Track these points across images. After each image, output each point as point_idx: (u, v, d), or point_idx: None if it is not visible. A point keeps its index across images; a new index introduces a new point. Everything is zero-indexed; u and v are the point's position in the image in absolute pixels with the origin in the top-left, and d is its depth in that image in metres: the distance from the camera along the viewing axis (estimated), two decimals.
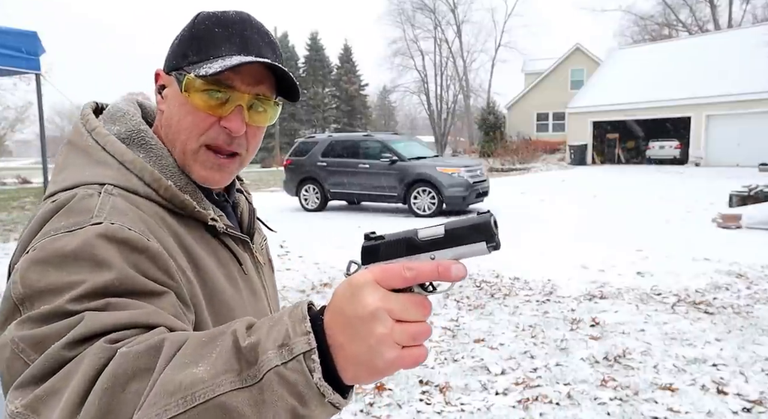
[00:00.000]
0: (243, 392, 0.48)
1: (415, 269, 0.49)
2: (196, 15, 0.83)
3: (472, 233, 0.53)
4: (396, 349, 0.48)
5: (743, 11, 37.54)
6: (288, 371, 0.48)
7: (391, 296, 0.49)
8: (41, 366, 0.54)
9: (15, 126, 34.00)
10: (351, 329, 0.49)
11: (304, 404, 0.49)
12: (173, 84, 0.81)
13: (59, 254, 0.62)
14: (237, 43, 0.79)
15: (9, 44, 5.14)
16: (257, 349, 0.49)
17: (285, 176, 12.57)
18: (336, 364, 0.50)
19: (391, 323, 0.48)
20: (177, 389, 0.48)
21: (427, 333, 0.50)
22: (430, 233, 0.54)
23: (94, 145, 0.77)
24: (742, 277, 5.60)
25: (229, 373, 0.49)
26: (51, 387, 0.52)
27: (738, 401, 2.98)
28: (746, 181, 12.98)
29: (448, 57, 45.38)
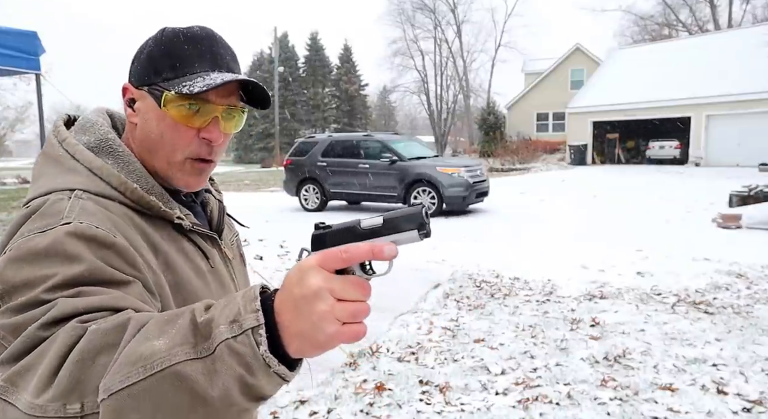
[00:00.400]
0: (197, 362, 0.53)
1: (351, 250, 0.55)
2: (161, 31, 0.88)
3: (406, 222, 0.60)
4: (336, 325, 0.54)
5: (743, 11, 37.56)
6: (237, 343, 0.53)
7: (333, 278, 0.55)
8: (19, 345, 0.60)
9: (15, 126, 34.01)
10: (297, 308, 0.54)
11: (252, 373, 0.53)
12: (146, 99, 0.86)
13: (32, 252, 0.68)
14: (208, 60, 0.86)
15: (9, 44, 5.13)
16: (211, 325, 0.55)
17: (285, 176, 12.58)
18: (283, 340, 0.55)
19: (332, 301, 0.54)
20: (138, 359, 0.53)
21: (365, 311, 0.55)
22: (370, 223, 0.62)
23: (64, 154, 0.83)
24: (742, 277, 5.60)
25: (185, 345, 0.54)
26: (27, 363, 0.58)
27: (738, 401, 2.98)
28: (746, 181, 12.98)
29: (448, 57, 45.39)
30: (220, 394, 0.53)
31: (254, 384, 0.54)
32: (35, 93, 5.70)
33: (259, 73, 46.80)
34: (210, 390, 0.53)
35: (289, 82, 44.89)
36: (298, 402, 3.06)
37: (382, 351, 3.78)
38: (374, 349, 3.80)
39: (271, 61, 41.29)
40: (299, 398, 3.10)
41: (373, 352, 3.75)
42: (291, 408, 3.00)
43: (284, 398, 3.11)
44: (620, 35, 44.27)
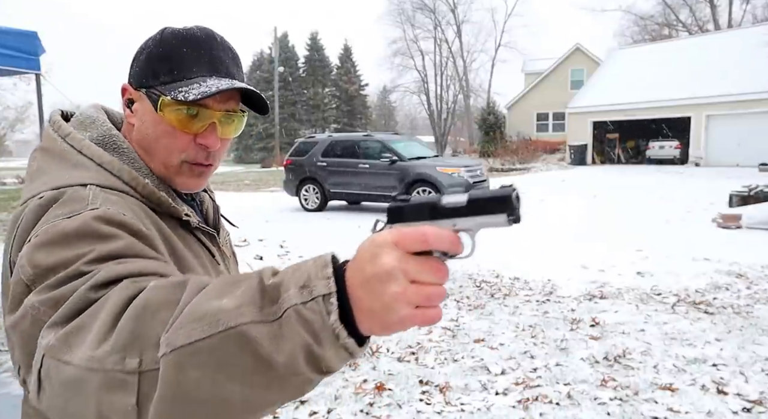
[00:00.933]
0: (263, 325, 0.51)
1: (431, 237, 0.51)
2: (161, 32, 0.87)
3: (494, 205, 0.55)
4: (409, 308, 0.51)
5: (743, 11, 37.55)
6: (307, 310, 0.51)
7: (408, 258, 0.51)
8: (70, 307, 0.59)
9: (15, 126, 34.02)
10: (368, 286, 0.51)
11: (320, 343, 0.51)
12: (144, 101, 0.86)
13: (62, 234, 0.66)
14: (207, 63, 0.85)
15: (9, 44, 5.13)
16: (280, 288, 0.53)
17: (285, 176, 12.57)
18: (356, 315, 0.52)
19: (406, 283, 0.51)
20: (203, 316, 0.52)
21: (441, 295, 0.52)
22: (453, 201, 0.56)
23: (69, 149, 0.81)
24: (742, 277, 5.60)
25: (252, 306, 0.52)
26: (81, 322, 0.57)
27: (738, 401, 2.98)
28: (746, 181, 12.97)
29: (448, 57, 45.37)
30: (285, 361, 0.51)
31: (321, 354, 0.52)
32: (35, 93, 5.70)
33: (259, 73, 46.82)
34: (275, 355, 0.51)
35: (289, 82, 44.88)
36: (297, 402, 3.06)
37: (382, 351, 3.78)
38: (374, 349, 3.80)
39: (271, 61, 41.29)
40: (299, 398, 3.10)
41: (372, 352, 3.75)
42: (291, 407, 3.00)
43: None
44: (620, 35, 44.31)
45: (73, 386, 0.55)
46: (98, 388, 0.53)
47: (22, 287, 0.64)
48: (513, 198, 0.55)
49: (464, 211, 0.56)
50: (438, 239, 0.52)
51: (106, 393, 0.53)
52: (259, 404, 0.53)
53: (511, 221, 0.55)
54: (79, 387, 0.54)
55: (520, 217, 0.55)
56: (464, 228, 0.56)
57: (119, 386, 0.52)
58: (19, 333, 0.63)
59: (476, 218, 0.55)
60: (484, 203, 0.55)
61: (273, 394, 0.53)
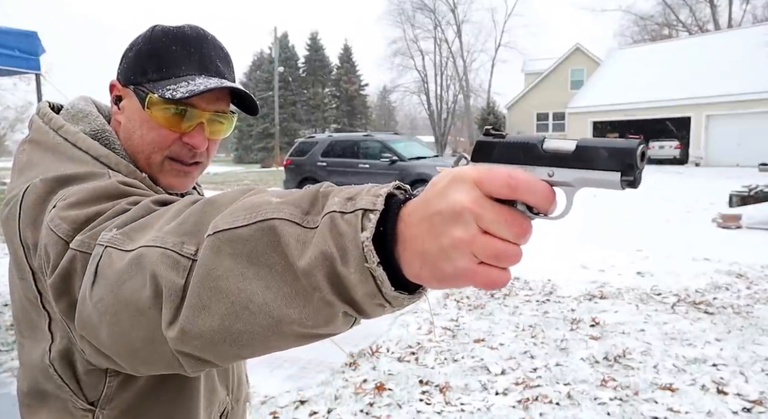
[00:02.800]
0: (296, 227, 0.48)
1: (522, 183, 0.43)
2: (151, 29, 0.86)
3: (608, 159, 0.43)
4: (470, 260, 0.43)
5: (743, 11, 37.56)
6: (342, 221, 0.46)
7: (487, 203, 0.43)
8: (131, 215, 0.61)
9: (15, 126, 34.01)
10: (429, 222, 0.44)
11: (345, 260, 0.45)
12: (132, 98, 0.85)
13: (93, 194, 0.66)
14: (196, 62, 0.84)
15: (9, 44, 5.13)
16: (329, 196, 0.49)
17: (285, 176, 12.58)
18: (401, 254, 0.46)
19: (475, 230, 0.43)
20: (250, 206, 0.51)
21: (515, 257, 0.43)
22: (557, 146, 0.46)
23: (63, 142, 0.79)
24: (742, 277, 5.60)
25: (295, 208, 0.49)
26: (145, 222, 0.59)
27: (738, 401, 2.98)
28: (746, 181, 12.98)
29: (448, 57, 45.38)
30: (305, 267, 0.46)
31: (343, 274, 0.45)
32: (35, 93, 5.70)
33: (259, 73, 46.85)
34: (297, 260, 0.47)
35: (289, 82, 44.85)
36: (298, 402, 3.06)
37: (382, 351, 3.78)
38: (374, 349, 3.80)
39: (271, 61, 41.29)
40: (299, 398, 3.10)
41: (373, 352, 3.75)
42: (291, 408, 3.00)
43: (284, 398, 3.11)
44: (620, 35, 44.34)
45: (134, 263, 0.54)
46: (156, 261, 0.53)
47: (60, 246, 0.63)
48: (637, 154, 0.43)
49: (568, 160, 0.45)
50: (530, 187, 0.43)
51: (163, 265, 0.52)
52: (277, 316, 0.48)
53: (625, 184, 0.43)
54: (138, 263, 0.54)
55: (639, 180, 0.44)
56: (563, 181, 0.46)
57: (173, 265, 0.52)
58: (65, 280, 0.62)
59: (581, 171, 0.45)
60: (597, 155, 0.44)
61: (293, 310, 0.48)
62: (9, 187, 0.78)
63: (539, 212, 0.46)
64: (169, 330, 0.52)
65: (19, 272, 0.76)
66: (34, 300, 0.74)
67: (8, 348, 3.87)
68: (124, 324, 0.55)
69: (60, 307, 0.63)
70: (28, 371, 0.80)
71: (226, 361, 0.56)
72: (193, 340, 0.51)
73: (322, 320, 0.48)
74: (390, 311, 0.48)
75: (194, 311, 0.50)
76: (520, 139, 0.49)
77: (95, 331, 0.58)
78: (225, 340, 0.51)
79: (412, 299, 0.48)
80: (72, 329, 0.64)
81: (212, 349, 0.52)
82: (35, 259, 0.70)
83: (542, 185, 0.44)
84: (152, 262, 0.53)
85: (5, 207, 0.75)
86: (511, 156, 0.49)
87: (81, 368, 0.75)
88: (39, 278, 0.72)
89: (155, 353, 0.55)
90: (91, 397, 0.76)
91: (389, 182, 0.50)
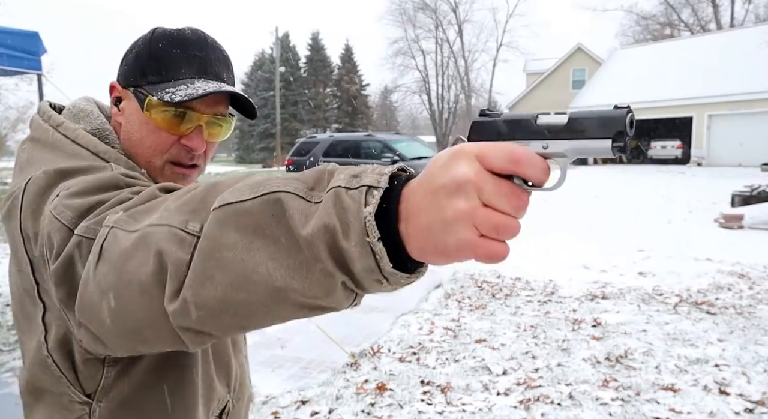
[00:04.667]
0: (301, 200, 0.49)
1: (522, 157, 0.45)
2: (152, 31, 0.87)
3: (599, 127, 0.46)
4: (472, 232, 0.45)
5: (745, 11, 37.48)
6: (346, 195, 0.47)
7: (487, 176, 0.45)
8: (140, 198, 0.62)
9: (17, 126, 34.01)
10: (433, 197, 0.46)
11: (346, 234, 0.47)
12: (131, 100, 0.86)
13: (96, 184, 0.67)
14: (196, 65, 0.85)
15: (10, 44, 5.13)
16: (334, 174, 0.51)
17: None
18: (406, 231, 0.47)
19: (476, 203, 0.45)
20: (255, 183, 0.53)
21: (513, 229, 0.45)
22: (550, 121, 0.49)
23: (63, 139, 0.80)
24: (744, 277, 5.59)
25: (301, 183, 0.51)
26: (150, 206, 0.60)
27: (740, 401, 2.97)
28: (748, 181, 12.95)
29: (450, 57, 45.41)
30: (307, 236, 0.48)
31: (344, 247, 0.47)
32: (37, 93, 5.71)
33: (261, 73, 46.85)
34: (300, 230, 0.48)
35: (291, 82, 44.88)
36: (299, 402, 3.06)
37: (383, 351, 3.78)
38: (375, 349, 3.79)
39: (272, 61, 41.32)
40: (300, 398, 3.10)
41: (374, 352, 3.75)
42: (292, 408, 3.00)
43: (285, 398, 3.11)
44: (622, 35, 44.26)
45: (139, 242, 0.55)
46: (162, 238, 0.54)
47: (63, 232, 0.63)
48: (626, 121, 0.45)
49: (561, 131, 0.48)
50: (528, 161, 0.45)
51: (168, 242, 0.53)
52: (280, 286, 0.49)
53: (617, 150, 0.46)
54: (143, 241, 0.55)
55: (629, 146, 0.47)
56: (557, 152, 0.49)
57: (179, 242, 0.53)
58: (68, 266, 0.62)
59: (574, 141, 0.47)
60: (588, 124, 0.47)
61: (296, 280, 0.49)
62: (11, 185, 0.79)
63: (534, 184, 0.48)
64: (171, 303, 0.53)
65: (17, 264, 0.76)
66: (31, 291, 0.75)
67: (10, 348, 3.88)
68: (126, 301, 0.56)
69: (60, 294, 0.64)
70: (26, 366, 0.81)
71: (227, 333, 0.57)
72: (196, 311, 0.52)
73: (323, 291, 0.50)
74: (387, 288, 0.49)
75: (199, 282, 0.51)
76: (515, 116, 0.51)
77: (96, 312, 0.58)
78: (228, 310, 0.52)
79: (410, 278, 0.49)
80: (70, 317, 0.65)
81: (214, 320, 0.53)
82: (35, 248, 0.70)
83: (540, 159, 0.46)
84: (157, 239, 0.54)
85: (7, 201, 0.76)
86: (506, 133, 0.51)
87: (79, 357, 0.75)
88: (37, 267, 0.72)
89: (156, 331, 0.56)
90: (88, 389, 0.76)
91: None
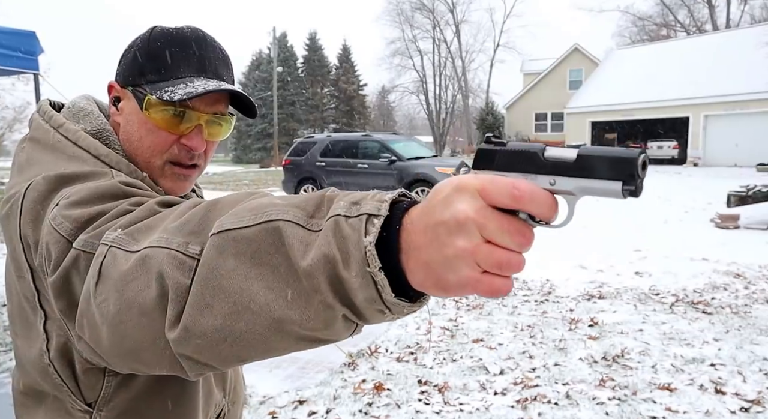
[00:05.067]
0: (300, 228, 0.48)
1: (526, 194, 0.43)
2: (150, 30, 0.86)
3: (610, 167, 0.44)
4: (474, 270, 0.43)
5: (741, 12, 37.64)
6: (346, 224, 0.46)
7: (490, 212, 0.43)
8: (138, 213, 0.61)
9: (13, 126, 33.90)
10: (432, 232, 0.44)
11: (347, 264, 0.45)
12: (130, 99, 0.85)
13: (96, 193, 0.66)
14: (195, 64, 0.84)
15: (7, 44, 5.12)
16: (334, 200, 0.50)
17: (284, 176, 12.60)
18: (407, 263, 0.46)
19: (478, 240, 0.43)
20: (255, 207, 0.52)
21: (517, 266, 0.44)
22: (558, 154, 0.46)
23: (63, 141, 0.79)
24: (740, 277, 5.61)
25: (300, 210, 0.50)
26: (150, 223, 0.59)
27: (736, 400, 2.99)
28: (744, 181, 12.99)
29: (447, 57, 45.49)
30: (306, 268, 0.46)
31: (345, 277, 0.46)
32: (33, 93, 5.69)
33: (258, 73, 46.78)
34: (300, 261, 0.47)
35: (288, 82, 44.86)
36: (296, 402, 3.06)
37: (380, 351, 3.78)
38: (373, 349, 3.80)
39: (269, 61, 41.29)
40: (298, 398, 3.10)
41: (371, 352, 3.75)
42: (290, 408, 3.00)
43: (283, 398, 3.11)
44: (618, 35, 44.46)
45: (139, 264, 0.54)
46: (162, 261, 0.53)
47: (62, 244, 0.62)
48: (638, 163, 0.43)
49: (569, 169, 0.45)
50: (533, 198, 0.43)
51: (169, 265, 0.52)
52: (279, 317, 0.48)
53: (627, 193, 0.43)
54: (144, 264, 0.54)
55: (641, 189, 0.44)
56: (564, 190, 0.46)
57: (179, 265, 0.52)
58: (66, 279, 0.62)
59: (583, 180, 0.45)
60: (598, 163, 0.44)
61: (294, 311, 0.48)
62: (9, 185, 0.78)
63: (541, 220, 0.46)
64: (171, 331, 0.52)
65: (17, 270, 0.75)
66: (32, 298, 0.74)
67: (7, 348, 3.87)
68: (126, 325, 0.55)
69: (59, 306, 0.63)
70: (24, 370, 0.80)
71: (227, 364, 0.55)
72: (195, 339, 0.51)
73: (322, 322, 0.48)
74: (389, 318, 0.48)
75: (197, 310, 0.50)
76: (522, 147, 0.49)
77: (95, 332, 0.58)
78: (226, 340, 0.51)
79: (412, 307, 0.48)
80: (70, 328, 0.64)
81: (213, 350, 0.52)
82: (35, 257, 0.69)
83: (545, 195, 0.44)
84: (158, 263, 0.53)
85: (5, 205, 0.75)
86: (512, 164, 0.49)
87: (79, 367, 0.74)
88: (38, 276, 0.71)
89: (156, 355, 0.55)
90: (89, 398, 0.75)
91: (388, 182, 0.51)
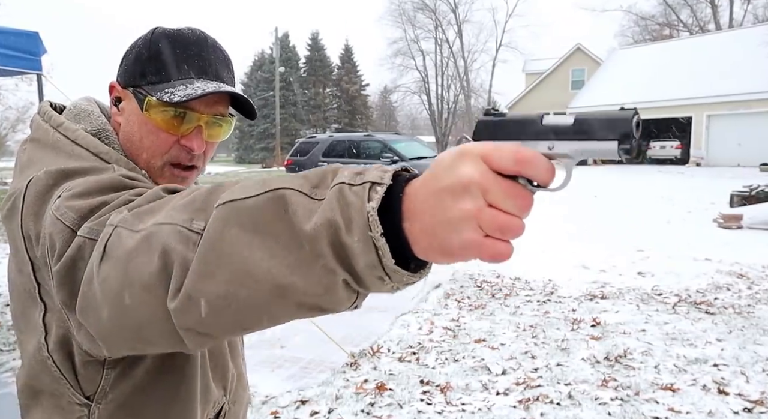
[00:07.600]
0: (305, 197, 0.50)
1: (528, 157, 0.45)
2: (152, 31, 0.87)
3: (606, 129, 0.46)
4: (476, 232, 0.45)
5: (744, 11, 37.51)
6: (349, 191, 0.47)
7: (493, 177, 0.45)
8: (144, 198, 0.62)
9: (17, 127, 34.01)
10: (437, 197, 0.45)
11: (349, 229, 0.47)
12: (131, 100, 0.85)
13: (98, 186, 0.67)
14: (195, 65, 0.85)
15: (10, 44, 5.13)
16: (338, 172, 0.51)
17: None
18: (410, 230, 0.47)
19: (482, 203, 0.45)
20: (260, 181, 0.53)
21: (518, 229, 0.45)
22: (557, 120, 0.48)
23: (63, 139, 0.80)
24: (743, 277, 5.60)
25: (305, 181, 0.51)
26: (154, 205, 0.60)
27: (739, 401, 2.98)
28: (747, 181, 12.95)
29: (449, 57, 45.41)
30: (309, 232, 0.47)
31: (347, 243, 0.47)
32: (36, 93, 5.70)
33: (261, 73, 46.85)
34: (303, 225, 0.48)
35: (290, 82, 44.87)
36: (299, 402, 3.07)
37: (383, 351, 3.78)
38: (375, 349, 3.80)
39: (272, 61, 41.32)
40: (300, 398, 3.11)
41: (374, 352, 3.75)
42: (292, 408, 3.01)
43: (285, 398, 3.11)
44: (621, 35, 44.29)
45: (143, 241, 0.55)
46: (166, 236, 0.54)
47: (66, 234, 0.63)
48: (633, 123, 0.45)
49: (567, 133, 0.48)
50: (533, 162, 0.45)
51: (173, 240, 0.53)
52: (281, 284, 0.49)
53: (623, 152, 0.46)
54: (148, 241, 0.55)
55: (636, 148, 0.46)
56: (562, 153, 0.48)
57: (184, 240, 0.53)
58: (72, 267, 0.62)
59: (580, 142, 0.47)
60: (595, 125, 0.46)
61: (297, 277, 0.49)
62: (11, 185, 0.79)
63: (539, 185, 0.48)
64: (173, 300, 0.52)
65: (17, 264, 0.76)
66: (32, 292, 0.75)
67: (9, 348, 3.88)
68: (128, 301, 0.55)
69: (61, 296, 0.64)
70: (25, 366, 0.81)
71: (228, 332, 0.56)
72: (197, 307, 0.52)
73: (323, 288, 0.49)
74: (390, 286, 0.49)
75: (199, 278, 0.51)
76: (520, 116, 0.51)
77: (96, 310, 0.58)
78: (229, 307, 0.51)
79: (412, 277, 0.49)
80: (71, 319, 0.65)
81: (215, 318, 0.52)
82: (37, 249, 0.70)
83: (545, 160, 0.46)
84: (163, 238, 0.54)
85: (8, 201, 0.76)
86: (512, 133, 0.50)
87: (79, 359, 0.75)
88: (38, 268, 0.72)
89: (156, 330, 0.56)
90: (87, 391, 0.76)
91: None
